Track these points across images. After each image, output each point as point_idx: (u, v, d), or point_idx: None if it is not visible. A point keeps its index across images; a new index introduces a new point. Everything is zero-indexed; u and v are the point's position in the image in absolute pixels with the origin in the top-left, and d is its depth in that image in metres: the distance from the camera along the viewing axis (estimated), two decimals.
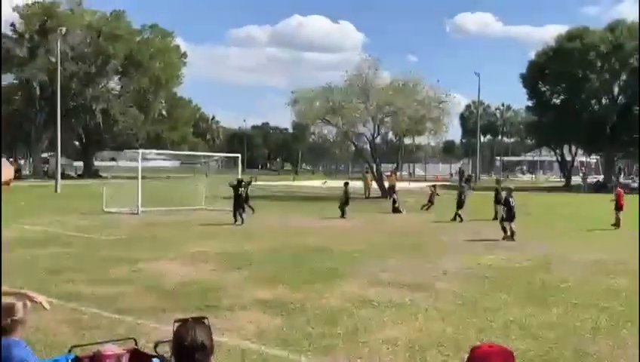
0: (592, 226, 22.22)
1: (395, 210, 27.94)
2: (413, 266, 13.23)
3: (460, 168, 72.30)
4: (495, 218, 21.99)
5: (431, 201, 29.43)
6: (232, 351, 7.06)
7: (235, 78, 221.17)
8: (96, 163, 76.27)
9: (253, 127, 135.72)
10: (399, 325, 8.33)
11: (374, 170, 42.13)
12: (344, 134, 43.28)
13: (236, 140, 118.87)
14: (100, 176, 55.81)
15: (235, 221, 21.74)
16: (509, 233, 18.37)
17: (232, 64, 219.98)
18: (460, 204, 24.51)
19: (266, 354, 7.06)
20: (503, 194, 20.84)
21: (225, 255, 14.38)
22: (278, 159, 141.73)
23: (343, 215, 24.73)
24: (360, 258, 14.28)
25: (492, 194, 25.29)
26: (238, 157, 32.06)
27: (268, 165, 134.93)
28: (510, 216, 18.71)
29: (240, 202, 22.55)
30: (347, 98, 40.17)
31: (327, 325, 8.25)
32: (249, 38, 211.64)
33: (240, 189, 22.90)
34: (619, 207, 22.87)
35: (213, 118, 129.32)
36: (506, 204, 19.23)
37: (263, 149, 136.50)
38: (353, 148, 49.64)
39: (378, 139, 44.66)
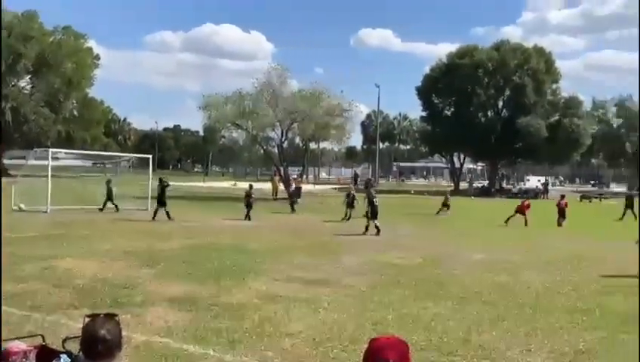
0: (481, 226, 23.15)
1: (293, 210, 28.33)
2: (317, 263, 13.33)
3: (354, 172, 73.60)
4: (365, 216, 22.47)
5: (446, 205, 29.70)
6: (142, 346, 6.87)
7: (150, 81, 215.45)
8: (6, 161, 72.31)
9: (165, 129, 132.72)
10: (303, 319, 8.37)
11: (282, 172, 42.19)
12: (253, 138, 43.16)
13: (148, 142, 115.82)
14: (9, 175, 52.93)
15: (154, 218, 22.01)
16: (369, 229, 19.62)
17: (146, 68, 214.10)
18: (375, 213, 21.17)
19: (174, 348, 6.91)
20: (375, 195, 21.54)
21: (136, 253, 13.97)
22: (188, 161, 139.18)
23: (248, 216, 24.33)
24: (267, 256, 14.24)
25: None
26: (149, 158, 31.27)
27: (179, 166, 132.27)
28: (374, 213, 19.95)
29: (163, 200, 22.79)
30: (257, 104, 40.12)
31: (234, 320, 8.18)
32: (163, 43, 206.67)
33: (165, 188, 23.14)
34: (521, 211, 25.27)
35: (125, 119, 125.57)
36: (370, 203, 20.36)
37: (174, 151, 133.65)
38: (262, 152, 49.53)
39: (286, 144, 44.76)
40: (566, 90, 66.41)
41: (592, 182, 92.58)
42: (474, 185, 65.51)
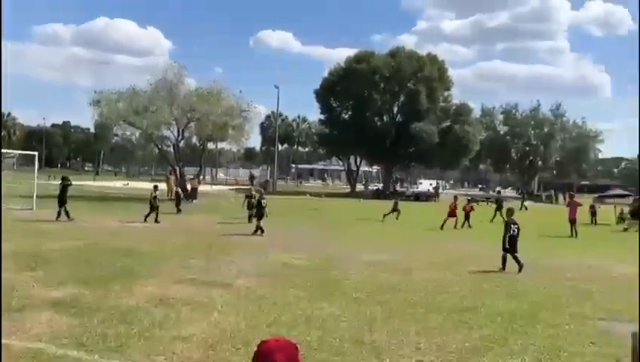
0: (378, 228, 23.65)
1: (179, 211, 27.52)
2: (212, 265, 13.11)
3: (250, 173, 73.42)
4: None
5: (396, 210, 29.44)
6: (22, 353, 6.46)
7: (38, 75, 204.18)
8: None
9: (54, 126, 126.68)
10: (195, 322, 8.19)
11: (177, 172, 41.28)
12: (148, 137, 41.94)
13: (35, 138, 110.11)
14: None
15: (58, 218, 21.53)
16: (258, 230, 19.83)
17: (34, 61, 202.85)
18: (261, 214, 21.17)
19: (58, 355, 6.55)
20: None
21: (19, 254, 13.17)
22: (78, 159, 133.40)
23: (155, 218, 23.42)
24: (160, 257, 13.86)
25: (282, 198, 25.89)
26: (34, 155, 29.66)
27: (68, 164, 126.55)
28: (260, 214, 20.35)
29: (64, 199, 22.19)
30: (152, 102, 39.03)
31: (123, 324, 7.87)
32: (53, 36, 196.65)
33: (67, 187, 22.57)
34: (452, 213, 26.46)
35: (9, 114, 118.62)
36: (258, 203, 20.79)
37: (63, 148, 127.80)
38: (157, 151, 48.24)
39: (182, 143, 43.89)
40: (457, 97, 69.38)
41: (479, 185, 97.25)
42: (369, 187, 66.99)
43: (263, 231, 19.88)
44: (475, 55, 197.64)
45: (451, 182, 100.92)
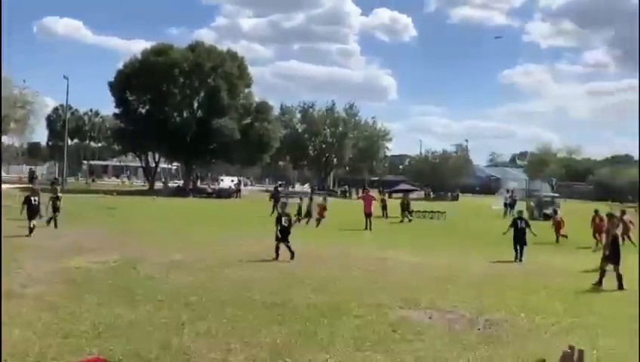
0: (175, 227, 23.00)
1: None
2: None
3: (30, 170, 68.25)
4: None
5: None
6: None
7: None
8: None
9: None
10: None
11: None
12: None
13: None
14: None
15: None
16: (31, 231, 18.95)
17: None
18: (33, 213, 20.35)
19: None
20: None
21: None
22: None
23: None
24: None
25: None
26: None
27: None
28: (33, 213, 19.54)
29: None
30: None
31: None
32: None
33: None
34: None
35: None
36: (27, 201, 19.88)
37: None
38: None
39: None
40: (257, 95, 70.14)
41: (279, 182, 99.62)
42: (169, 184, 65.34)
43: (31, 230, 18.85)
44: (273, 54, 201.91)
45: (252, 178, 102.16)
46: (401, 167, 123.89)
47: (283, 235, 15.55)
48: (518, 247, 17.82)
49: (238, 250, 16.95)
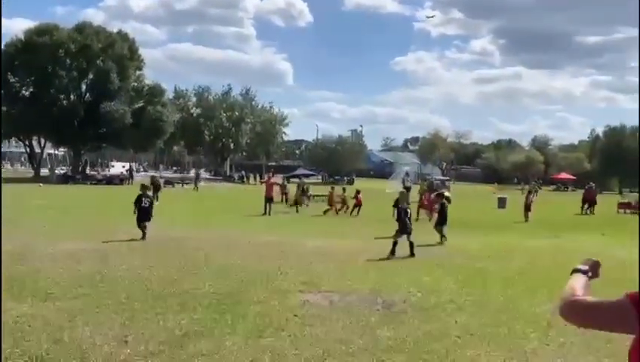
0: (65, 214, 21.97)
1: None
2: None
3: None
4: None
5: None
6: None
7: None
8: None
9: None
10: None
11: None
12: None
13: None
14: None
15: None
16: None
17: None
18: None
19: None
20: None
21: None
22: None
23: None
24: None
25: None
26: None
27: None
28: None
29: None
30: None
31: None
32: None
33: None
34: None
35: None
36: None
37: None
38: None
39: None
40: (149, 78, 68.12)
41: (174, 168, 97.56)
42: (56, 171, 62.28)
43: None
44: (166, 36, 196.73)
45: (146, 164, 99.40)
46: (298, 152, 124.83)
47: (142, 215, 16.27)
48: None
49: (135, 236, 16.39)
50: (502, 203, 36.63)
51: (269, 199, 27.48)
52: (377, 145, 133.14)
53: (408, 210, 15.42)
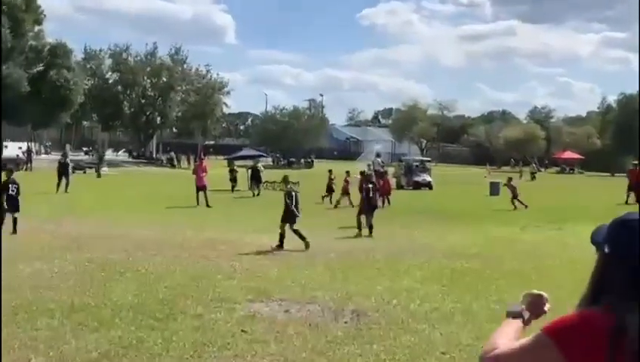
0: None
1: None
2: None
3: None
4: None
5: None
6: None
7: None
8: None
9: None
10: None
11: None
12: None
13: None
14: None
15: None
16: None
17: None
18: None
19: None
20: None
21: None
22: None
23: None
24: None
25: None
26: None
27: None
28: None
29: None
30: None
31: None
32: None
33: None
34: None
35: None
36: None
37: None
38: None
39: None
40: (52, 35, 66.84)
41: (84, 148, 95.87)
42: None
43: None
44: None
45: (49, 144, 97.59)
46: (242, 128, 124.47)
47: (10, 205, 17.02)
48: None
49: (39, 236, 16.17)
50: (495, 189, 37.15)
51: (200, 188, 27.29)
52: (341, 120, 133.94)
53: (292, 193, 16.19)
